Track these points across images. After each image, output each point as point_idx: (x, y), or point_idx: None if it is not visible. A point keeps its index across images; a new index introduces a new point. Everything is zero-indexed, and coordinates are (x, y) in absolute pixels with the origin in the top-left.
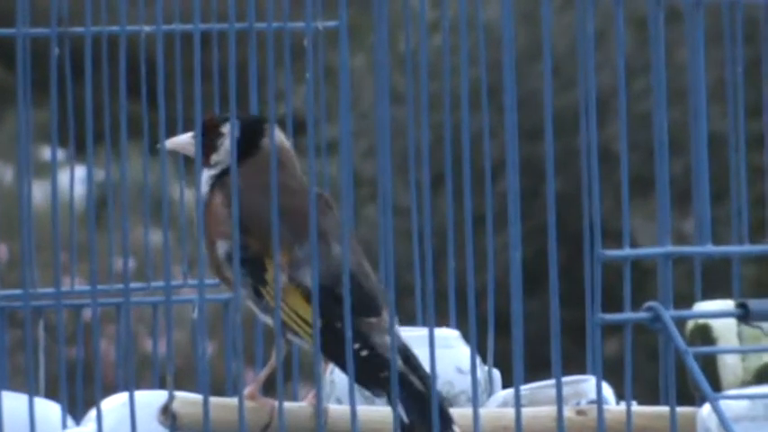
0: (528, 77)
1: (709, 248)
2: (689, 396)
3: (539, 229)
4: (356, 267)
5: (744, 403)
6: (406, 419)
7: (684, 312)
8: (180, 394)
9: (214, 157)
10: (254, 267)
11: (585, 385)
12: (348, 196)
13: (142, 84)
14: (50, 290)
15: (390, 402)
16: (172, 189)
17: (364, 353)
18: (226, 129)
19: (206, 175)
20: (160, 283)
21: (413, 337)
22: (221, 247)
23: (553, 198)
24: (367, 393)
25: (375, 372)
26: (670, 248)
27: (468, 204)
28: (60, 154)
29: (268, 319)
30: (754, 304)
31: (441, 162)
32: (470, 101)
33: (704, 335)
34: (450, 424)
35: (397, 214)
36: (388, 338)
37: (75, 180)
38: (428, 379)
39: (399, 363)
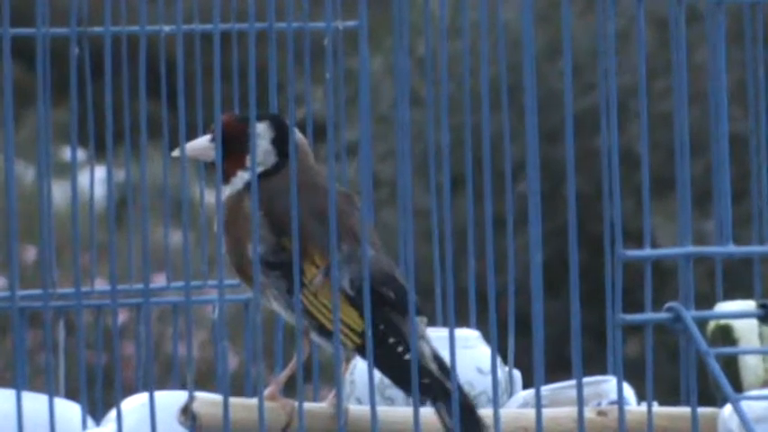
0: (547, 78)
1: (730, 248)
2: (710, 397)
3: (559, 231)
4: (395, 267)
5: (765, 404)
6: (450, 426)
7: (705, 313)
8: (200, 395)
9: (251, 160)
10: (292, 270)
11: (606, 386)
12: (367, 198)
13: (162, 84)
14: (71, 290)
15: (435, 407)
16: (192, 189)
17: (408, 356)
18: (257, 129)
19: (242, 178)
20: (180, 284)
21: (433, 337)
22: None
23: (574, 199)
24: (387, 394)
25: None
26: (691, 249)
27: (489, 206)
28: (80, 154)
29: (305, 322)
30: None
31: (461, 164)
32: (491, 102)
33: (725, 335)
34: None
35: (416, 216)
36: (423, 343)
37: (95, 180)
38: (461, 386)
39: (435, 369)
